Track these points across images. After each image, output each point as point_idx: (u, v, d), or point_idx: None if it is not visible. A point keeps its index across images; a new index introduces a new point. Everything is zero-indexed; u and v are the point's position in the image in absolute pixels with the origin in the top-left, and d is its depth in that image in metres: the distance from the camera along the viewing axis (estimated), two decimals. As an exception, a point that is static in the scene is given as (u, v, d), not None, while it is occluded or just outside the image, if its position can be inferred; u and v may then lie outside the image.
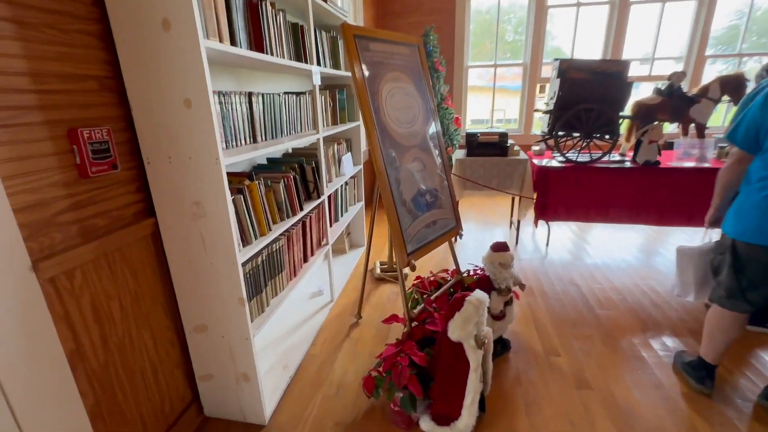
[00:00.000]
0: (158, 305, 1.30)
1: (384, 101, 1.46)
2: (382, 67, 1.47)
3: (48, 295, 0.93)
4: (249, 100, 1.47)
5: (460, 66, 4.70)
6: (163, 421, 1.35)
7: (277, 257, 1.58)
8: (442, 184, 1.72)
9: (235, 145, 1.40)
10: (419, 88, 1.67)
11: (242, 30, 1.32)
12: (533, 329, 2.01)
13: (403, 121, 1.55)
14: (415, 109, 1.62)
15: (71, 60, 0.97)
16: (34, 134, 0.89)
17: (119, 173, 1.12)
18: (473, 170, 2.97)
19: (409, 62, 1.63)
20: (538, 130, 3.18)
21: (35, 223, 0.90)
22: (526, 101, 4.75)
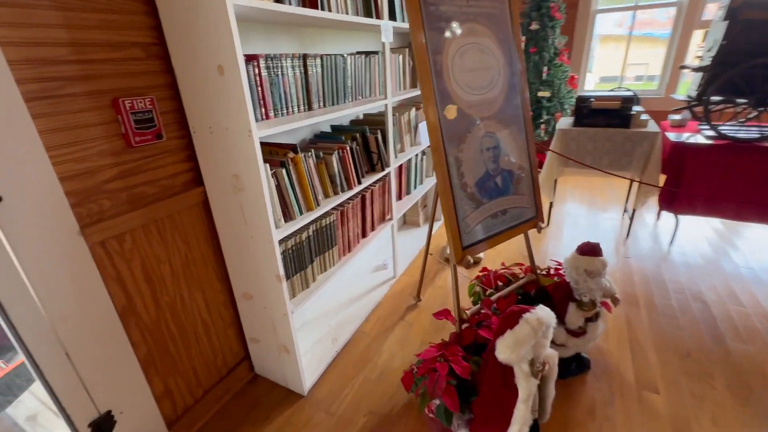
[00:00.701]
0: (211, 270, 1.36)
1: (450, 63, 1.19)
2: (453, 19, 1.19)
3: (99, 257, 1.01)
4: (304, 63, 1.36)
5: (586, 11, 3.84)
6: (216, 373, 1.46)
7: (327, 232, 1.52)
8: (521, 166, 1.41)
9: (286, 112, 1.32)
10: (503, 44, 1.34)
11: (291, -18, 1.18)
12: (626, 350, 1.62)
13: (474, 86, 1.26)
14: (493, 71, 1.31)
15: (114, 27, 0.97)
16: (77, 105, 0.92)
17: (166, 142, 1.14)
18: (580, 144, 2.45)
19: (493, 9, 1.30)
20: (684, 95, 2.42)
21: (83, 190, 0.96)
22: (673, 54, 3.70)
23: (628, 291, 2.01)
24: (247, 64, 1.14)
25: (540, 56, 3.54)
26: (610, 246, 2.48)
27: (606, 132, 2.36)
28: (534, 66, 3.60)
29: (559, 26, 3.53)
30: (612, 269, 2.21)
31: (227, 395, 1.50)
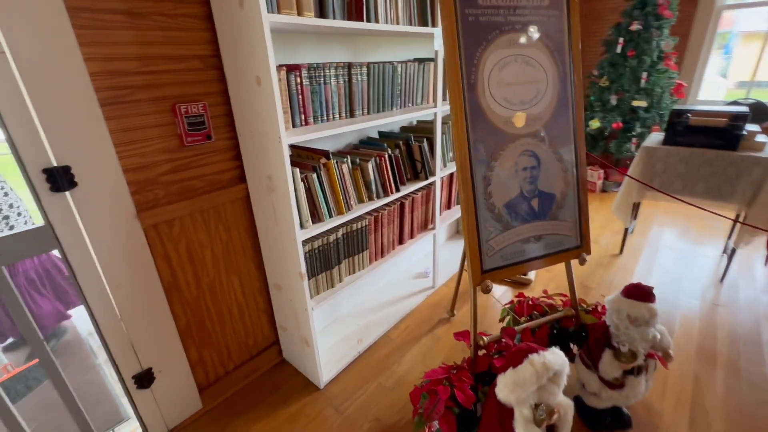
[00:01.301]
0: (249, 259, 1.50)
1: (486, 75, 1.13)
2: (494, 28, 1.13)
3: (151, 238, 1.19)
4: (348, 72, 1.41)
5: (708, 7, 3.26)
6: (246, 351, 1.61)
7: (358, 236, 1.56)
8: (565, 190, 1.27)
9: (326, 119, 1.39)
10: (557, 55, 1.22)
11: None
12: (685, 416, 1.38)
13: (514, 101, 1.18)
14: (540, 85, 1.21)
15: (177, 42, 1.12)
16: (142, 109, 1.09)
17: (215, 143, 1.28)
18: (668, 166, 2.11)
19: (545, 16, 1.19)
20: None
21: (142, 181, 1.13)
22: (829, 59, 2.95)
23: (705, 345, 1.70)
24: (289, 74, 1.23)
25: (639, 60, 3.12)
26: (697, 287, 2.11)
27: (705, 154, 2.00)
28: (631, 71, 3.19)
29: (668, 26, 3.07)
30: (692, 314, 1.88)
31: (255, 373, 1.64)
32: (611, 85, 3.32)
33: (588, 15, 3.90)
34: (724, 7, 3.27)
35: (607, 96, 3.35)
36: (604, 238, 2.70)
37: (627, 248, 2.55)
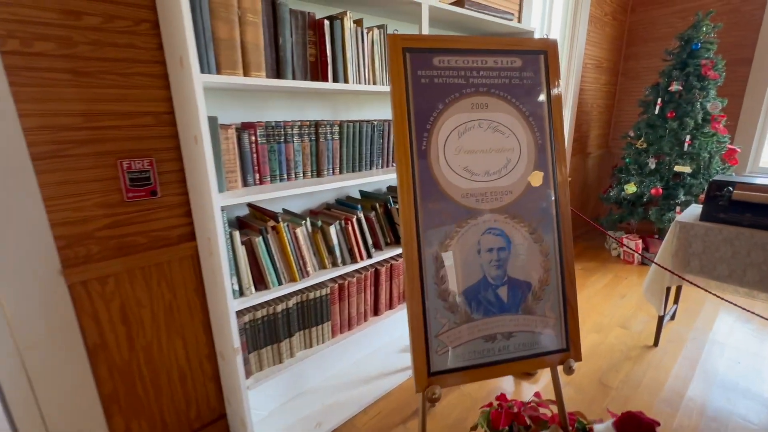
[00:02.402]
0: (197, 321, 1.39)
1: (441, 141, 0.99)
2: (452, 89, 1.00)
3: (78, 295, 1.12)
4: (315, 130, 1.34)
5: (764, 67, 2.94)
6: (187, 425, 1.45)
7: (318, 306, 1.40)
8: (544, 278, 1.05)
9: (289, 178, 1.31)
10: (533, 120, 1.07)
11: (296, 57, 1.18)
12: None
13: (477, 171, 1.02)
14: (510, 153, 1.04)
15: (128, 99, 1.11)
16: (82, 164, 1.07)
17: (162, 199, 1.23)
18: (708, 246, 1.76)
19: (517, 79, 1.05)
20: None
21: (74, 235, 1.09)
22: None
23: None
24: (242, 132, 1.17)
25: (680, 123, 2.82)
26: (761, 407, 1.65)
27: (755, 236, 1.64)
28: (671, 134, 2.88)
29: (714, 87, 2.78)
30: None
31: (195, 451, 1.46)
32: (649, 147, 3.02)
33: (624, 73, 3.70)
34: (784, 68, 2.93)
35: (645, 159, 3.04)
36: (637, 323, 2.29)
37: (664, 339, 2.12)
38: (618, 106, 3.81)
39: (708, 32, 2.74)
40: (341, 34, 1.25)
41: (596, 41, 3.26)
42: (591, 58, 3.25)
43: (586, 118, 3.45)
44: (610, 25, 3.37)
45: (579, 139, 3.43)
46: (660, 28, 3.42)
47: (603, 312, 2.40)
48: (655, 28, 3.44)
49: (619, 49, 3.62)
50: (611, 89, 3.69)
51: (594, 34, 3.20)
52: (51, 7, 0.97)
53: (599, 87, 3.49)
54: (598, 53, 3.34)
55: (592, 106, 3.48)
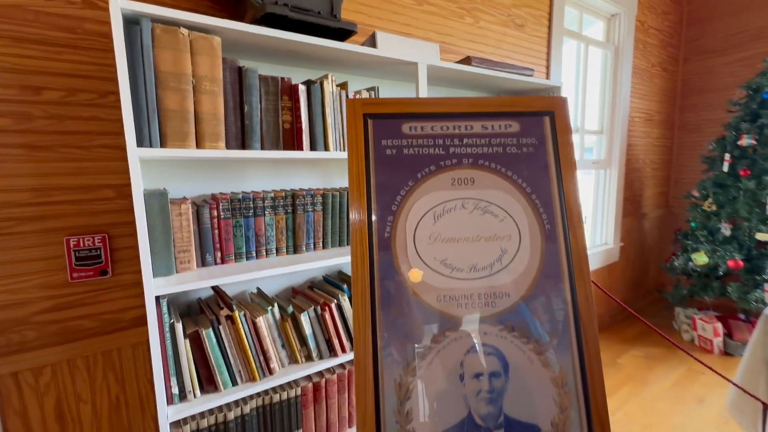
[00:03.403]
0: (149, 417, 1.20)
1: (410, 227, 0.78)
2: (427, 160, 0.81)
3: (5, 388, 0.98)
4: (292, 202, 1.19)
5: None
6: None
7: (284, 411, 1.15)
8: (560, 419, 0.73)
9: (258, 255, 1.15)
10: (537, 200, 0.82)
11: (266, 125, 1.06)
12: None
13: (460, 265, 0.77)
14: (506, 242, 0.80)
15: (87, 173, 1.04)
16: (26, 242, 0.98)
17: (115, 278, 1.11)
18: (820, 353, 1.29)
19: (515, 147, 0.83)
20: None
21: (7, 320, 0.98)
22: None
23: None
24: (202, 207, 1.05)
25: (759, 182, 2.36)
26: None
27: None
28: (748, 195, 2.41)
29: (794, 141, 2.33)
30: None
31: None
32: (720, 210, 2.54)
33: (681, 126, 3.30)
34: None
35: (716, 224, 2.55)
36: (723, 443, 1.73)
37: (767, 475, 1.55)
38: (677, 161, 3.37)
39: (781, 79, 2.35)
40: (320, 99, 1.13)
41: (643, 93, 2.96)
42: (639, 111, 2.94)
43: (638, 175, 3.05)
44: (659, 77, 3.07)
45: (631, 199, 3.02)
46: (720, 77, 3.05)
47: (673, 424, 1.86)
48: (714, 77, 3.08)
49: (673, 100, 3.27)
50: (666, 143, 3.29)
51: (640, 86, 2.91)
52: (10, 84, 0.94)
53: (651, 141, 3.12)
54: (648, 106, 3.02)
55: (644, 162, 3.09)
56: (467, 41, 1.78)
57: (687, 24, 3.20)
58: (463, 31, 1.76)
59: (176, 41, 0.89)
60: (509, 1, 1.93)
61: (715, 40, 3.05)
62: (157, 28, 0.87)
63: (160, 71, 0.88)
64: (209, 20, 0.91)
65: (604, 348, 2.59)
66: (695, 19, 3.15)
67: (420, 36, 1.62)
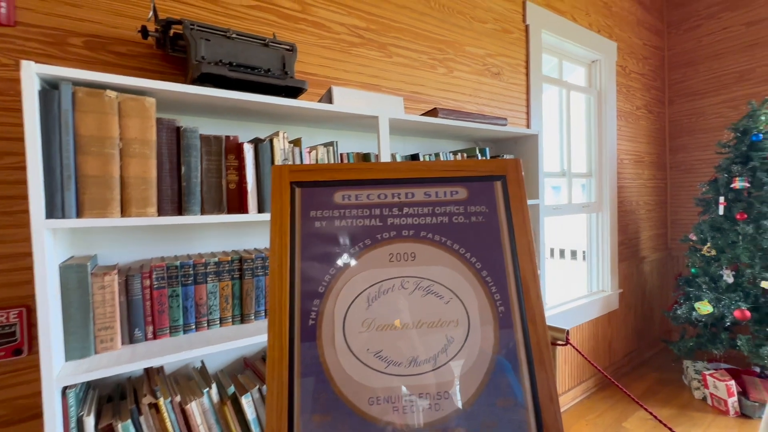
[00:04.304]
0: None
1: (341, 312, 0.67)
2: (362, 234, 0.71)
3: None
4: (240, 266, 1.09)
5: None
6: None
7: None
8: None
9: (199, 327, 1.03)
10: (489, 277, 0.72)
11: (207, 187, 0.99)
12: None
13: (397, 358, 0.66)
14: (452, 328, 0.68)
15: (10, 240, 0.95)
16: (-74, 320, 0.88)
17: (37, 357, 0.99)
18: None
19: (462, 216, 0.74)
20: None
21: None
22: None
23: None
24: (132, 277, 0.95)
25: (757, 226, 2.25)
26: None
27: None
28: (749, 240, 2.29)
29: (787, 184, 2.24)
30: None
31: None
32: (720, 255, 2.41)
33: (674, 167, 3.25)
34: None
35: (718, 270, 2.41)
36: None
37: None
38: (673, 201, 3.28)
39: (765, 122, 2.31)
40: (270, 157, 1.06)
41: (631, 135, 2.93)
42: (627, 153, 2.89)
43: (632, 218, 2.95)
44: (645, 118, 3.05)
45: (627, 242, 2.90)
46: (708, 118, 3.03)
47: (689, 505, 1.63)
48: (702, 118, 3.07)
49: (662, 141, 3.24)
50: (660, 183, 3.22)
51: (627, 129, 2.89)
52: (-73, 149, 0.88)
53: (643, 182, 3.05)
54: (636, 147, 2.98)
55: (637, 204, 3.00)
56: (441, 90, 1.76)
57: (669, 68, 3.24)
58: (435, 80, 1.74)
59: (101, 104, 0.83)
60: (483, 51, 1.93)
61: (699, 82, 3.07)
62: (79, 92, 0.81)
63: (80, 136, 0.81)
64: (140, 82, 0.86)
65: (609, 408, 2.36)
66: (677, 64, 3.18)
67: (390, 87, 1.59)
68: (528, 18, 2.13)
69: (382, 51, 1.57)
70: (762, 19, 2.72)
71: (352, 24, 1.49)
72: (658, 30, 3.15)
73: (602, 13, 2.64)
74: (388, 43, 1.59)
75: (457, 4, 1.81)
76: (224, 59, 0.97)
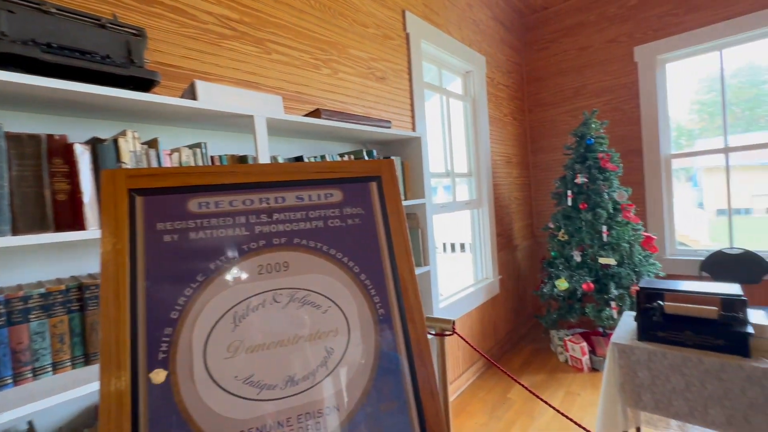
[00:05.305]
0: None
1: (200, 339, 0.58)
2: (222, 246, 0.63)
3: None
4: (80, 294, 0.88)
5: (655, 158, 3.09)
6: None
7: None
8: None
9: (18, 381, 0.80)
10: (368, 281, 0.70)
11: (19, 199, 0.78)
12: None
13: (272, 380, 0.60)
14: (332, 338, 0.65)
15: None
16: None
17: None
18: (656, 375, 1.42)
19: (338, 219, 0.71)
20: None
21: None
22: (810, 206, 2.57)
23: None
24: None
25: (594, 213, 2.75)
26: None
27: (704, 360, 1.34)
28: (588, 225, 2.79)
29: (615, 177, 2.80)
30: None
31: None
32: (571, 239, 2.89)
33: (535, 166, 3.80)
34: (671, 156, 3.10)
35: (569, 251, 2.89)
36: (601, 468, 1.80)
37: (638, 495, 1.64)
38: (535, 196, 3.84)
39: (597, 128, 2.86)
40: (116, 161, 0.88)
41: (501, 139, 3.32)
42: (499, 154, 3.28)
43: (506, 211, 3.35)
44: (511, 124, 3.50)
45: (503, 233, 3.28)
46: (558, 125, 3.62)
47: (559, 456, 1.90)
48: (554, 125, 3.65)
49: (525, 144, 3.76)
50: (525, 181, 3.73)
51: (497, 133, 3.27)
52: None
53: (513, 180, 3.49)
54: (506, 149, 3.40)
55: (509, 199, 3.42)
56: (326, 92, 1.73)
57: (527, 81, 3.78)
58: (320, 81, 1.70)
59: None
60: (367, 55, 1.97)
61: (549, 95, 3.64)
62: None
63: None
64: None
65: (495, 384, 2.63)
66: (532, 78, 3.73)
67: (270, 86, 1.49)
68: (408, 27, 2.24)
69: (260, 46, 1.47)
70: (589, 46, 3.36)
71: (222, 14, 1.36)
72: (517, 48, 3.65)
73: (472, 29, 2.94)
74: (266, 39, 1.49)
75: (338, 6, 1.80)
76: (38, 38, 0.77)
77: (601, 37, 3.29)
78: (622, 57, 3.19)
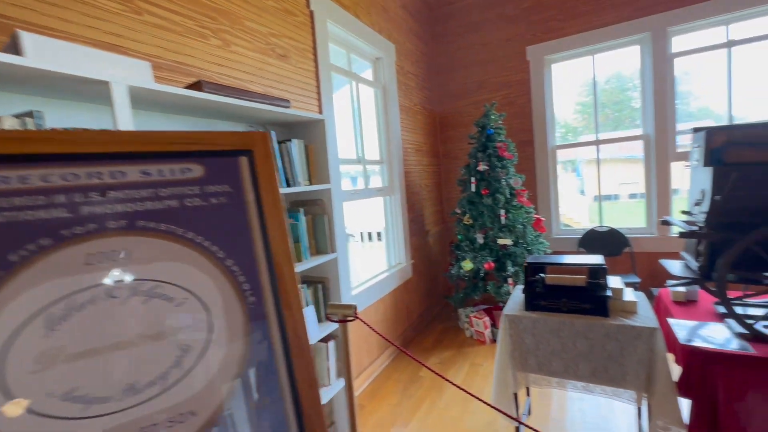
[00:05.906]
0: None
1: (-8, 352, 0.45)
2: (32, 231, 0.49)
3: None
4: None
5: (543, 148, 3.45)
6: None
7: None
8: None
9: None
10: (233, 263, 0.62)
11: None
12: None
13: (105, 393, 0.49)
14: (188, 334, 0.56)
15: None
16: None
17: None
18: (539, 340, 1.59)
19: (197, 199, 0.62)
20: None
21: None
22: (654, 192, 3.13)
23: None
24: None
25: (494, 199, 2.98)
26: None
27: (575, 323, 1.53)
28: (489, 209, 3.02)
29: (511, 165, 3.06)
30: None
31: None
32: (475, 223, 3.10)
33: (444, 155, 3.98)
34: (556, 147, 3.49)
35: (473, 234, 3.10)
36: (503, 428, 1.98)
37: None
38: (445, 183, 4.04)
39: (496, 120, 3.09)
40: None
41: (411, 127, 3.40)
42: (409, 142, 3.36)
43: (417, 198, 3.46)
44: (420, 113, 3.61)
45: (415, 219, 3.39)
46: (463, 116, 3.83)
47: (465, 428, 2.04)
48: (460, 116, 3.85)
49: (435, 133, 3.92)
50: (435, 169, 3.90)
51: (407, 122, 3.34)
52: None
53: (423, 168, 3.62)
54: (416, 138, 3.49)
55: (420, 186, 3.54)
56: (216, 65, 1.55)
57: (436, 72, 3.92)
58: (208, 53, 1.52)
59: None
60: (266, 29, 1.82)
61: (455, 86, 3.82)
62: None
63: None
64: None
65: (408, 364, 2.73)
66: (440, 69, 3.88)
67: (141, 51, 1.28)
68: (312, 4, 2.13)
69: (127, 4, 1.25)
70: (490, 42, 3.60)
71: (70, -42, 1.11)
72: (425, 39, 3.75)
73: (381, 16, 2.93)
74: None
75: (229, -30, 1.62)
76: None
77: (501, 35, 3.54)
78: (517, 55, 3.48)
